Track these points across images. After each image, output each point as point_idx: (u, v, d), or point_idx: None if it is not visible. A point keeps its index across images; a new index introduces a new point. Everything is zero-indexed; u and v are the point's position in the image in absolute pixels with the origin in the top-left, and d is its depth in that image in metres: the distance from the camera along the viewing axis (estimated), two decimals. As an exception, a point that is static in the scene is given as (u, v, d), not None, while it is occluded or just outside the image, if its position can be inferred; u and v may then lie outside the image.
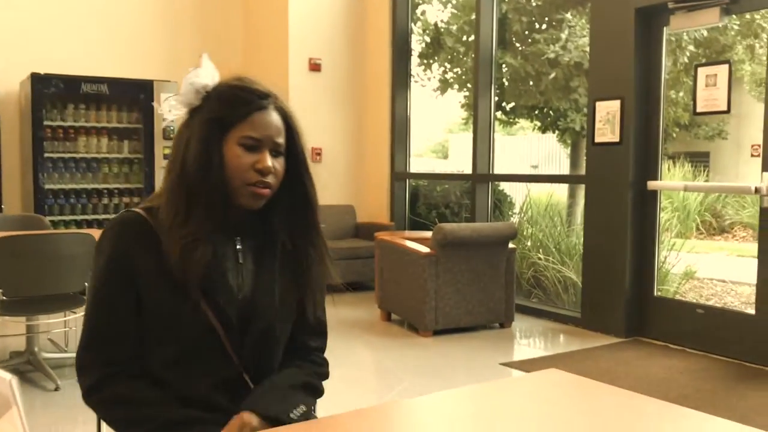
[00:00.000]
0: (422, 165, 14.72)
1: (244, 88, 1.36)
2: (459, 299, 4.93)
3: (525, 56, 8.76)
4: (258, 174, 1.33)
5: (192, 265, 1.29)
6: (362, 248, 6.47)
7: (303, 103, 6.83)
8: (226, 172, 1.32)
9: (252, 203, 1.35)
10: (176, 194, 1.33)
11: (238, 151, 1.32)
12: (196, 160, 1.31)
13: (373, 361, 4.52)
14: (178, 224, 1.30)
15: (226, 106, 1.34)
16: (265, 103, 1.35)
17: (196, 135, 1.33)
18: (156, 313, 1.32)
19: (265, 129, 1.33)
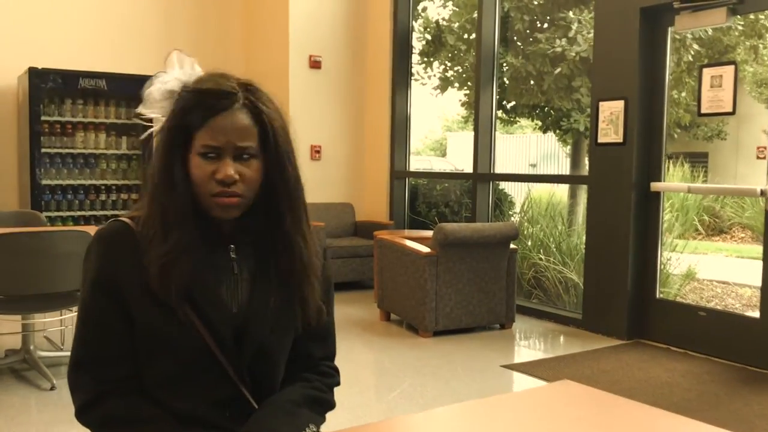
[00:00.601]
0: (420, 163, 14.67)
1: (204, 91, 1.24)
2: (459, 300, 4.89)
3: (526, 55, 8.71)
4: (219, 184, 1.23)
5: (172, 283, 1.22)
6: (361, 247, 6.43)
7: (303, 100, 6.78)
8: (195, 188, 1.25)
9: (223, 214, 1.26)
10: (153, 212, 1.25)
11: (198, 161, 1.24)
12: (161, 174, 1.24)
13: (373, 361, 4.48)
14: (157, 242, 1.23)
15: (184, 114, 1.24)
16: (227, 104, 1.23)
17: (158, 147, 1.25)
18: (146, 332, 1.26)
19: (223, 135, 1.22)
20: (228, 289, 1.30)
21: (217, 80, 1.27)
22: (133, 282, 1.24)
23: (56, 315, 4.32)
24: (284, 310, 1.33)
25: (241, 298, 1.31)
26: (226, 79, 1.27)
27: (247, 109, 1.25)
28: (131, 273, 1.24)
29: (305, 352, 1.42)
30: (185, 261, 1.23)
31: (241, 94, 1.25)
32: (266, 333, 1.31)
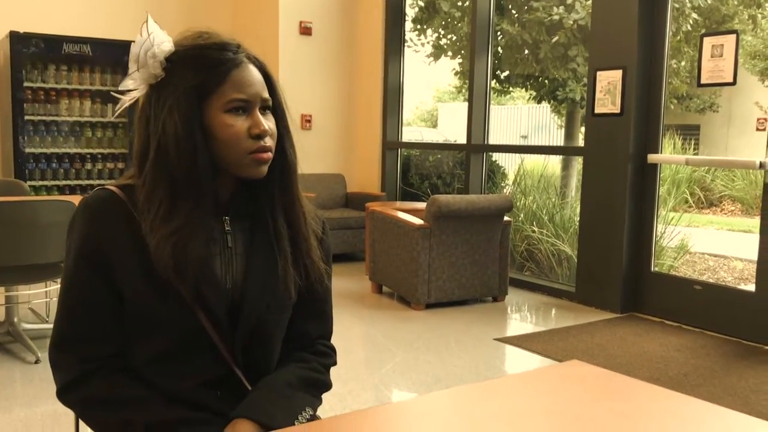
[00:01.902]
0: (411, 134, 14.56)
1: (212, 46, 1.17)
2: (452, 272, 4.83)
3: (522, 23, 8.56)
4: (256, 139, 1.16)
5: (188, 264, 1.13)
6: (352, 218, 6.34)
7: (293, 68, 6.64)
8: (218, 148, 1.16)
9: (256, 173, 1.19)
10: (157, 185, 1.15)
11: (227, 119, 1.15)
12: (177, 143, 1.13)
13: (365, 334, 4.42)
14: (161, 218, 1.13)
15: (200, 71, 1.15)
16: (240, 58, 1.18)
17: (171, 113, 1.14)
18: (136, 309, 1.17)
19: (250, 86, 1.17)
20: (222, 263, 1.22)
21: (215, 36, 1.20)
22: (123, 255, 1.15)
23: (41, 287, 4.22)
24: (281, 285, 1.25)
25: (235, 273, 1.23)
26: (221, 35, 1.21)
27: (252, 62, 1.20)
28: (121, 245, 1.15)
29: (301, 331, 1.35)
30: (200, 237, 1.15)
31: (243, 48, 1.21)
32: (262, 310, 1.23)
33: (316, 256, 1.30)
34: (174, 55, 1.16)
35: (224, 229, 1.23)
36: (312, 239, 1.29)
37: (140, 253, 1.14)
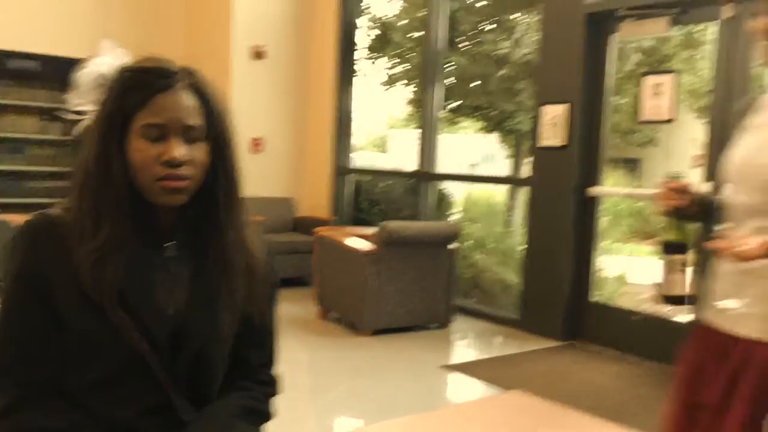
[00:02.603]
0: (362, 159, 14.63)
1: (143, 69, 1.17)
2: (400, 299, 4.86)
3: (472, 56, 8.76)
4: (166, 166, 1.15)
5: (104, 283, 1.13)
6: (300, 243, 6.32)
7: (245, 91, 6.63)
8: (132, 173, 1.16)
9: (169, 200, 1.17)
10: (83, 202, 1.16)
11: (139, 144, 1.15)
12: (96, 165, 1.15)
13: (310, 360, 4.40)
14: (87, 236, 1.14)
15: (123, 94, 1.15)
16: (170, 82, 1.16)
17: (94, 134, 1.16)
18: (75, 334, 1.16)
19: (169, 111, 1.14)
20: (164, 289, 1.21)
21: (156, 60, 1.20)
22: (62, 280, 1.14)
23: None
24: (224, 312, 1.25)
25: (178, 299, 1.22)
26: (166, 60, 1.20)
27: (191, 89, 1.18)
28: (60, 270, 1.14)
29: (244, 359, 1.34)
30: (119, 258, 1.14)
31: (184, 74, 1.19)
32: (204, 337, 1.23)
33: (260, 284, 1.30)
34: (114, 80, 1.17)
35: (166, 255, 1.22)
36: (256, 268, 1.29)
37: (74, 274, 1.14)
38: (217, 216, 1.23)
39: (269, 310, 1.35)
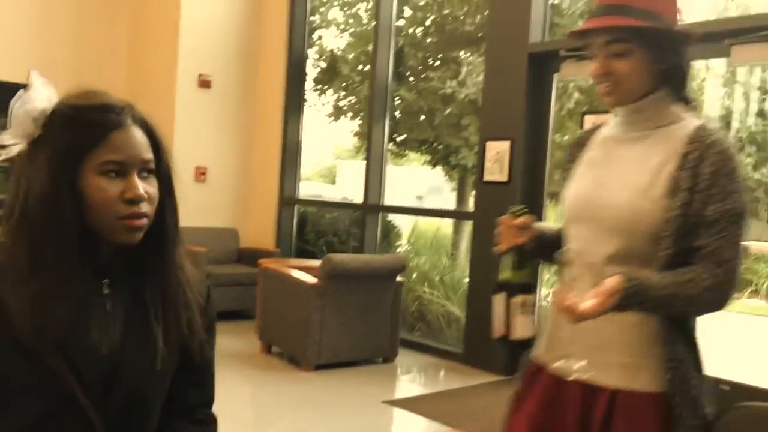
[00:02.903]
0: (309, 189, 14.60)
1: (93, 107, 1.14)
2: (344, 333, 4.81)
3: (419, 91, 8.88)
4: (129, 204, 1.13)
5: (46, 327, 1.08)
6: (244, 275, 6.23)
7: (190, 119, 6.55)
8: (90, 212, 1.13)
9: (129, 238, 1.15)
10: (18, 243, 1.11)
11: (100, 182, 1.12)
12: (41, 203, 1.10)
13: (251, 395, 4.31)
14: (21, 279, 1.09)
15: (77, 131, 1.12)
16: (122, 119, 1.14)
17: (41, 173, 1.11)
18: (2, 378, 1.10)
19: (127, 148, 1.13)
20: (99, 328, 1.17)
21: (101, 96, 1.17)
22: None
23: None
24: (160, 352, 1.21)
25: (112, 338, 1.17)
26: (106, 95, 1.18)
27: (138, 124, 1.17)
28: None
29: (181, 398, 1.30)
30: (63, 301, 1.10)
31: (129, 109, 1.17)
32: (140, 378, 1.19)
33: (198, 323, 1.26)
34: (53, 114, 1.13)
35: (102, 292, 1.19)
36: (194, 306, 1.26)
37: (4, 316, 1.08)
38: (165, 250, 1.21)
39: (208, 346, 1.32)
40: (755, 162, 10.29)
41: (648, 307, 1.36)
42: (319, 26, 9.70)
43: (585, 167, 1.59)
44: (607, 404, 1.44)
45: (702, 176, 1.39)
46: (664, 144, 1.46)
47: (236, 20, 6.86)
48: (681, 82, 1.50)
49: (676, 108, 1.50)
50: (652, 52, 1.44)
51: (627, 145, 1.52)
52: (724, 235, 1.38)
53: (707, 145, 1.41)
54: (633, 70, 1.44)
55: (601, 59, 1.47)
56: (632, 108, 1.50)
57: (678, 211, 1.40)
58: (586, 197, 1.53)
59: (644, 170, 1.46)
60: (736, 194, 1.39)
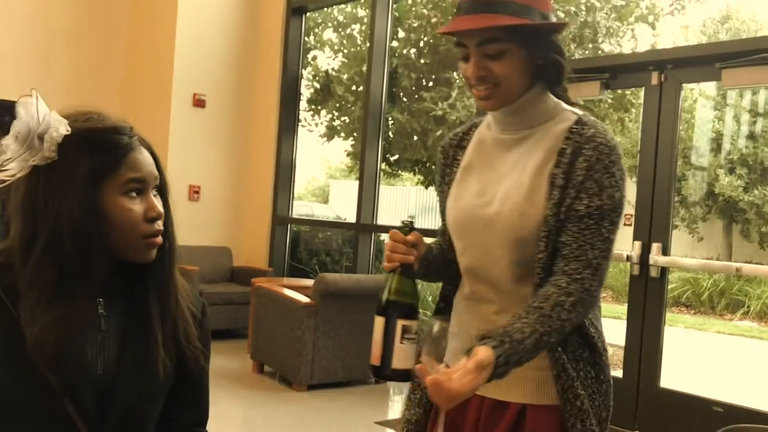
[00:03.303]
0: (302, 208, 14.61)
1: (107, 129, 1.16)
2: (337, 352, 4.79)
3: (411, 112, 8.93)
4: (150, 223, 1.16)
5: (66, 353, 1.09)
6: (237, 294, 6.21)
7: (184, 138, 6.56)
8: (112, 232, 1.14)
9: (147, 256, 1.18)
10: (45, 271, 1.10)
11: (124, 202, 1.14)
12: (70, 230, 1.10)
13: (243, 415, 4.28)
14: (44, 305, 1.09)
15: (95, 155, 1.12)
16: (134, 141, 1.18)
17: (67, 198, 1.10)
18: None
19: (144, 166, 1.17)
20: (93, 348, 1.16)
21: (105, 117, 1.19)
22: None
23: None
24: (155, 371, 1.20)
25: (107, 357, 1.17)
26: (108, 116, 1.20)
27: (142, 145, 1.20)
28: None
29: (176, 417, 1.30)
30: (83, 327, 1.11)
31: (133, 130, 1.21)
32: (134, 397, 1.18)
33: (193, 340, 1.27)
34: (67, 138, 1.12)
35: (98, 311, 1.18)
36: (189, 323, 1.27)
37: (7, 337, 1.08)
38: (167, 263, 1.23)
39: (202, 365, 1.32)
40: (746, 184, 10.38)
41: (527, 359, 1.24)
42: (313, 47, 9.77)
43: (464, 174, 1.48)
44: (514, 420, 1.37)
45: (576, 171, 1.31)
46: (544, 142, 1.37)
47: (231, 40, 6.90)
48: (557, 76, 1.39)
49: (553, 103, 1.41)
50: (528, 50, 1.33)
51: (507, 149, 1.43)
52: (591, 231, 1.30)
53: (585, 139, 1.33)
54: (510, 71, 1.33)
55: (476, 61, 1.34)
56: (508, 110, 1.39)
57: (552, 210, 1.31)
58: (471, 210, 1.42)
59: (526, 173, 1.36)
60: (612, 189, 1.31)
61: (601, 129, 1.35)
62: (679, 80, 4.22)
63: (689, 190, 10.96)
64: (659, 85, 4.24)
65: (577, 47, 8.86)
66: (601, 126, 1.36)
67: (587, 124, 1.36)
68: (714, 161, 10.72)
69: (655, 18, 9.89)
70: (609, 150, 1.32)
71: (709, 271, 9.96)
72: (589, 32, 8.95)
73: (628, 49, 9.64)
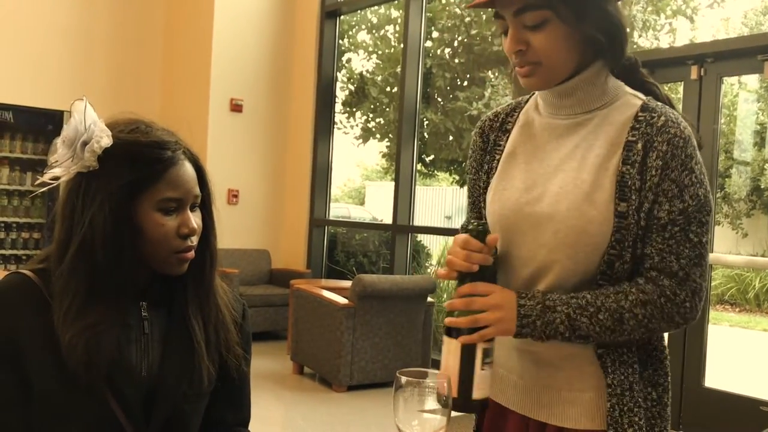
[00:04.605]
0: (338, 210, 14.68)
1: (150, 143, 1.16)
2: (375, 353, 4.81)
3: (446, 112, 8.91)
4: (183, 239, 1.17)
5: (100, 359, 1.10)
6: (276, 296, 6.27)
7: (222, 143, 6.66)
8: (144, 245, 1.15)
9: (178, 270, 1.19)
10: (75, 277, 1.13)
11: (157, 217, 1.15)
12: (104, 240, 1.12)
13: (284, 417, 4.32)
14: (75, 312, 1.11)
15: (136, 168, 1.13)
16: (178, 155, 1.18)
17: (101, 208, 1.12)
18: (45, 398, 1.13)
19: (183, 184, 1.17)
20: (138, 350, 1.19)
21: (152, 129, 1.19)
22: (34, 345, 1.11)
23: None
24: (198, 373, 1.23)
25: (151, 360, 1.20)
26: (162, 129, 1.21)
27: (187, 158, 1.20)
28: (34, 335, 1.12)
29: (218, 418, 1.32)
30: (112, 331, 1.13)
31: (179, 143, 1.20)
32: (178, 399, 1.21)
33: (234, 343, 1.29)
34: (109, 149, 1.14)
35: (141, 315, 1.21)
36: (230, 326, 1.29)
37: (52, 342, 1.11)
38: (207, 273, 1.25)
39: (244, 366, 1.34)
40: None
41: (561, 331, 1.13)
42: (347, 49, 9.82)
43: (508, 163, 1.29)
44: None
45: (650, 170, 1.15)
46: (605, 131, 1.20)
47: (266, 45, 6.97)
48: (617, 51, 1.20)
49: (615, 85, 1.23)
50: (575, 18, 1.14)
51: (559, 135, 1.24)
52: (677, 239, 1.14)
53: (656, 130, 1.15)
54: (554, 43, 1.16)
55: (513, 33, 1.18)
56: (560, 90, 1.22)
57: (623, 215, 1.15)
58: (517, 207, 1.23)
59: (585, 168, 1.19)
60: (694, 187, 1.14)
61: (673, 117, 1.17)
62: (719, 74, 4.14)
63: (733, 186, 10.72)
64: (698, 79, 4.16)
65: (614, 43, 8.71)
66: (672, 113, 1.18)
67: (656, 111, 1.18)
68: (758, 156, 10.47)
69: (693, 11, 9.70)
70: (684, 142, 1.15)
71: (755, 268, 9.73)
72: (626, 27, 8.79)
73: (665, 44, 9.47)
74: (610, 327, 1.13)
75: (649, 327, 1.14)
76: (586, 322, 1.13)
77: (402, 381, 1.07)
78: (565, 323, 1.14)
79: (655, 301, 1.13)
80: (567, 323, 1.14)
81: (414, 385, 1.07)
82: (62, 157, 1.13)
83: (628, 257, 1.16)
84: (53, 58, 6.65)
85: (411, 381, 1.07)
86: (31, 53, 6.53)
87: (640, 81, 1.27)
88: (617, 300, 1.14)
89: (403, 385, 1.07)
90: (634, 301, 1.13)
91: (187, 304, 1.24)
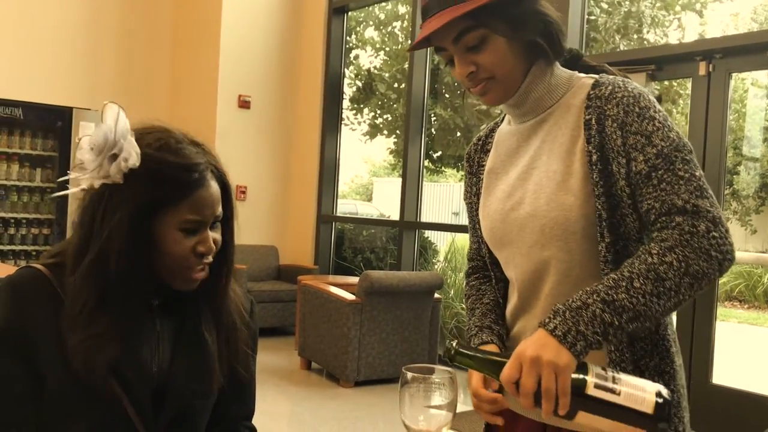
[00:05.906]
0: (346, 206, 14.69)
1: (178, 165, 1.14)
2: (382, 349, 4.83)
3: (454, 108, 8.90)
4: (199, 258, 1.18)
5: (96, 366, 1.12)
6: (284, 291, 6.30)
7: (230, 139, 6.68)
8: (161, 259, 1.16)
9: (189, 286, 1.20)
10: (88, 285, 1.13)
11: (177, 236, 1.15)
12: (119, 256, 1.12)
13: (290, 412, 4.35)
14: (84, 318, 1.12)
15: (160, 188, 1.13)
16: (204, 177, 1.16)
17: (120, 224, 1.12)
18: (57, 393, 1.14)
19: (206, 208, 1.16)
20: (149, 347, 1.21)
21: (184, 149, 1.17)
22: (47, 339, 1.13)
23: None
24: (207, 371, 1.24)
25: (162, 357, 1.22)
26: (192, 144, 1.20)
27: (214, 176, 1.20)
28: (46, 329, 1.13)
29: (225, 413, 1.34)
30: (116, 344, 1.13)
31: (207, 163, 1.19)
32: (187, 396, 1.22)
33: (243, 340, 1.31)
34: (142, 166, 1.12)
35: (152, 312, 1.23)
36: (239, 324, 1.30)
37: (61, 338, 1.12)
38: (219, 289, 1.25)
39: (250, 361, 1.35)
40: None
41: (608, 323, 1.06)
42: (355, 46, 9.82)
43: (489, 179, 1.34)
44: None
45: (611, 136, 1.14)
46: (565, 119, 1.22)
47: (274, 42, 6.99)
48: (556, 46, 1.22)
49: (566, 75, 1.25)
50: (507, 28, 1.18)
51: (526, 137, 1.28)
52: (666, 181, 1.10)
53: (604, 100, 1.16)
54: (500, 56, 1.19)
55: (459, 59, 1.21)
56: (515, 99, 1.25)
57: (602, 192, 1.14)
58: (501, 216, 1.27)
59: (553, 159, 1.21)
60: (661, 131, 1.12)
61: (619, 82, 1.17)
62: (728, 69, 4.12)
63: (741, 183, 10.67)
64: (707, 75, 4.15)
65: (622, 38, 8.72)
66: (619, 80, 1.18)
67: (603, 83, 1.18)
68: (767, 152, 10.42)
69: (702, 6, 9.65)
70: (634, 99, 1.14)
71: (763, 265, 9.69)
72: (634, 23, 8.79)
73: (674, 39, 9.43)
74: (650, 291, 1.06)
75: (690, 271, 1.06)
76: (626, 297, 1.06)
77: (408, 377, 1.09)
78: (606, 310, 1.06)
79: (679, 240, 1.07)
80: (607, 309, 1.06)
81: (420, 381, 1.09)
82: (89, 164, 1.12)
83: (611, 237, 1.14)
84: (62, 55, 6.68)
85: (417, 377, 1.10)
86: (40, 50, 6.56)
87: (586, 66, 1.30)
88: (643, 261, 1.08)
89: (409, 381, 1.09)
90: (660, 251, 1.07)
91: (201, 299, 1.25)
